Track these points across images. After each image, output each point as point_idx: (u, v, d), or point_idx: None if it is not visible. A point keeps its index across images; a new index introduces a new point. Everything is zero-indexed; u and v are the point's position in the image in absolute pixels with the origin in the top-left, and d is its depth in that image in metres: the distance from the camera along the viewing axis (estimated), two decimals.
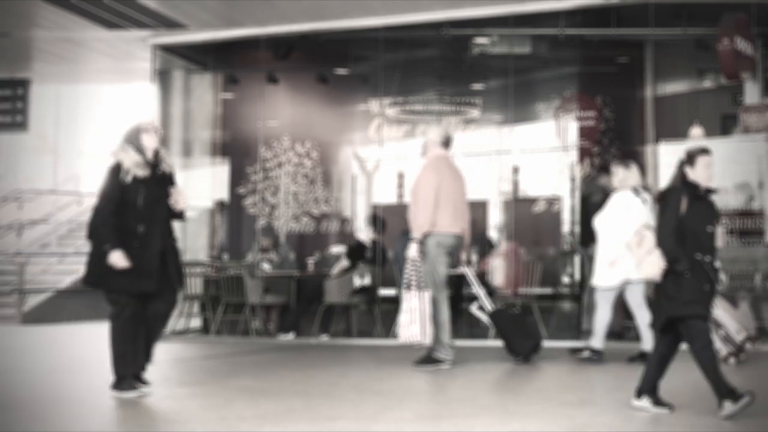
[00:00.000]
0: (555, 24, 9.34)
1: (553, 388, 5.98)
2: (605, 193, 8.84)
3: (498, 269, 9.27)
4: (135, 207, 5.41)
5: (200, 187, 11.32)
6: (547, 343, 7.83)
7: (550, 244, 10.49)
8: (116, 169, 5.48)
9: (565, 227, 8.66)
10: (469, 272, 7.38)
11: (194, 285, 9.57)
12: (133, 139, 5.57)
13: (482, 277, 10.17)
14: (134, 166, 5.46)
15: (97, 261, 5.39)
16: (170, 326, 9.62)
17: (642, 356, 6.96)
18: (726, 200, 8.90)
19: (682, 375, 6.62)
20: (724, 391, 4.64)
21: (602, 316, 7.06)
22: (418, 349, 6.87)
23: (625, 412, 4.87)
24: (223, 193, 11.21)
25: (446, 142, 7.09)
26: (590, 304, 7.50)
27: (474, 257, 9.65)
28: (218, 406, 5.16)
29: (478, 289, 7.46)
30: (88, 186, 16.22)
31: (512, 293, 8.88)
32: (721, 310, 7.01)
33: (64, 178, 16.18)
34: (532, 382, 6.31)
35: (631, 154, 10.89)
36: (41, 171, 16.08)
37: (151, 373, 6.85)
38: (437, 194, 6.73)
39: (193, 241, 10.94)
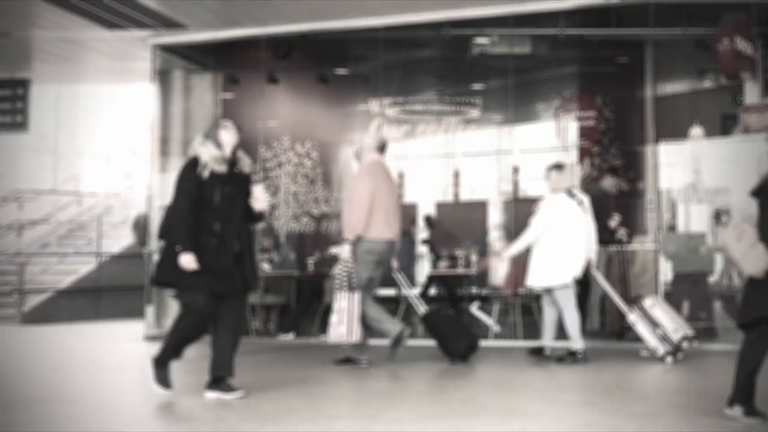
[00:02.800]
0: (555, 24, 9.33)
1: (553, 388, 5.98)
2: (605, 195, 8.87)
3: (497, 269, 9.27)
4: (211, 204, 5.25)
5: None
6: (547, 344, 7.82)
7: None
8: (193, 164, 5.33)
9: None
10: (399, 276, 7.41)
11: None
12: (212, 135, 5.46)
13: (482, 277, 10.19)
14: (212, 160, 5.32)
15: (169, 260, 5.23)
16: (170, 326, 9.64)
17: (572, 355, 7.08)
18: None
19: (683, 374, 6.63)
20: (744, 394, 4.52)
21: (571, 316, 7.13)
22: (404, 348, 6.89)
23: (625, 412, 4.87)
24: None
25: (381, 147, 7.14)
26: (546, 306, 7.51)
27: (474, 257, 9.68)
28: (218, 406, 5.16)
29: (408, 292, 7.54)
30: (88, 186, 16.25)
31: (512, 293, 8.88)
32: (659, 310, 7.10)
33: (64, 178, 16.19)
34: (532, 382, 6.30)
35: (631, 154, 10.92)
36: (41, 171, 16.09)
37: (151, 373, 6.87)
38: (372, 198, 6.77)
39: None
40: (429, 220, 11.05)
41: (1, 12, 9.11)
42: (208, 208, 5.24)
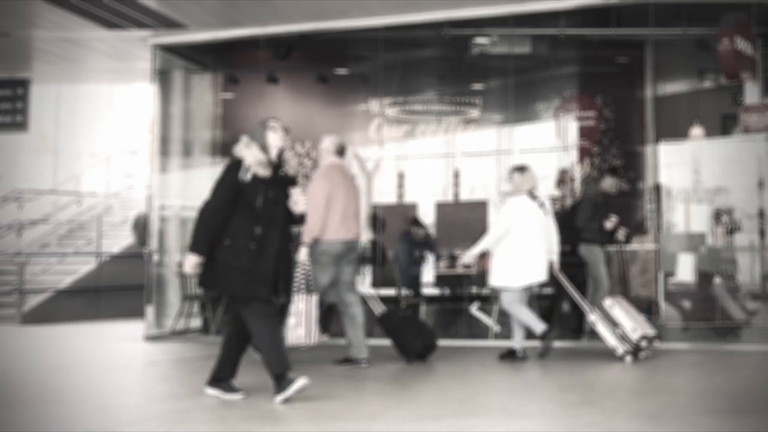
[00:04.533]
0: (555, 24, 9.34)
1: (553, 388, 5.98)
2: (605, 196, 8.88)
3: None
4: (253, 208, 5.14)
5: (200, 187, 11.31)
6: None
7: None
8: (235, 166, 5.20)
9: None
10: (359, 279, 7.45)
11: (194, 285, 9.57)
12: (258, 136, 5.30)
13: (482, 277, 10.19)
14: (256, 164, 5.19)
15: (210, 262, 5.13)
16: (170, 326, 9.66)
17: (512, 354, 7.13)
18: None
19: (683, 374, 6.63)
20: None
21: (520, 311, 7.19)
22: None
23: (625, 411, 4.87)
24: None
25: (340, 151, 7.23)
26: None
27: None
28: (218, 406, 5.16)
29: (368, 292, 7.57)
30: (88, 186, 16.26)
31: None
32: (618, 310, 7.15)
33: (64, 178, 16.19)
34: (532, 382, 6.31)
35: (631, 154, 10.93)
36: (41, 171, 16.10)
37: (151, 373, 6.87)
38: (327, 201, 6.84)
39: None
40: (416, 222, 11.03)
41: (1, 12, 9.11)
42: (249, 211, 5.13)
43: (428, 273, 10.95)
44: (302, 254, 6.80)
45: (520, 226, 7.12)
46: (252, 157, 5.21)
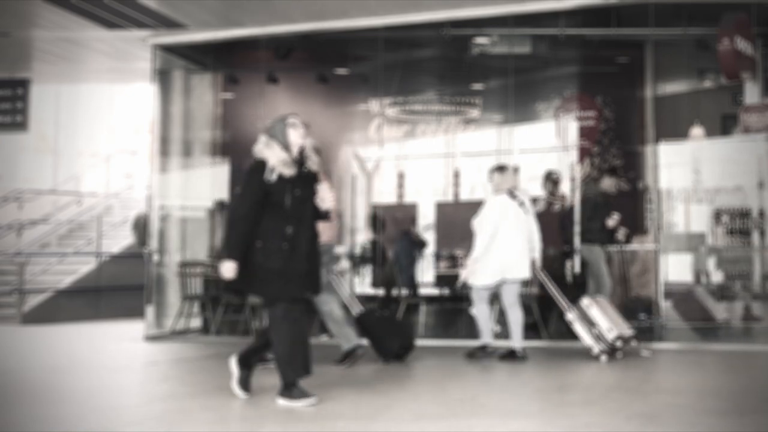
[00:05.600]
0: (555, 24, 9.34)
1: (553, 388, 5.98)
2: (605, 196, 8.89)
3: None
4: (282, 208, 5.05)
5: (200, 187, 11.33)
6: (548, 344, 7.84)
7: (549, 244, 10.48)
8: (259, 168, 5.08)
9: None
10: (335, 279, 7.43)
11: (194, 285, 9.58)
12: (279, 135, 5.20)
13: None
14: (281, 164, 5.09)
15: (241, 264, 5.03)
16: (170, 326, 9.66)
17: (512, 354, 7.17)
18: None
19: (683, 374, 6.63)
20: None
21: (481, 312, 7.30)
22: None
23: (625, 411, 4.87)
24: (223, 193, 11.20)
25: (316, 152, 7.20)
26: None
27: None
28: (218, 406, 5.16)
29: (343, 292, 7.59)
30: (88, 186, 16.26)
31: None
32: (595, 310, 7.19)
33: (64, 178, 16.19)
34: (532, 382, 6.30)
35: (631, 154, 10.92)
36: (41, 171, 16.10)
37: (151, 373, 6.87)
38: None
39: (193, 241, 10.94)
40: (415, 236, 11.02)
41: (1, 12, 9.11)
42: (279, 212, 5.05)
43: (428, 273, 10.97)
44: None
45: (499, 225, 7.17)
46: (275, 158, 5.11)
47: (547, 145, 11.17)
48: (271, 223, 5.06)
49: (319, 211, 5.29)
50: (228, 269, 5.01)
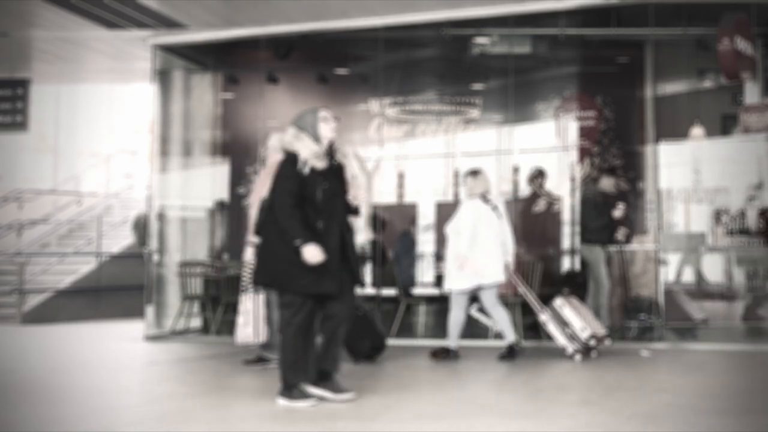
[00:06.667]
0: (555, 24, 9.33)
1: (553, 388, 5.98)
2: (605, 196, 8.89)
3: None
4: (314, 201, 4.98)
5: (200, 187, 11.33)
6: (548, 344, 7.84)
7: (550, 244, 10.49)
8: (292, 161, 5.03)
9: (566, 227, 8.79)
10: None
11: (194, 285, 9.58)
12: (309, 127, 5.10)
13: None
14: (313, 157, 5.02)
15: (269, 258, 5.02)
16: (170, 326, 9.66)
17: (511, 351, 7.21)
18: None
19: (683, 374, 6.63)
20: None
21: (455, 317, 7.30)
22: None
23: (625, 411, 4.87)
24: (223, 193, 11.21)
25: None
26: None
27: None
28: (218, 406, 5.16)
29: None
30: (88, 186, 16.26)
31: (513, 293, 8.87)
32: (568, 310, 7.24)
33: (64, 178, 16.19)
34: (532, 382, 6.30)
35: (631, 154, 10.92)
36: (41, 171, 16.11)
37: (151, 373, 6.87)
38: None
39: (193, 241, 10.94)
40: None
41: (1, 12, 9.11)
42: (310, 205, 4.98)
43: (428, 273, 10.96)
44: (248, 254, 6.88)
45: (475, 228, 7.20)
46: (307, 150, 5.03)
47: (547, 145, 11.16)
48: (302, 217, 4.99)
49: (349, 206, 5.24)
50: (312, 253, 4.89)
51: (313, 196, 4.99)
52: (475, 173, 7.48)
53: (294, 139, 5.09)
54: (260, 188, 6.93)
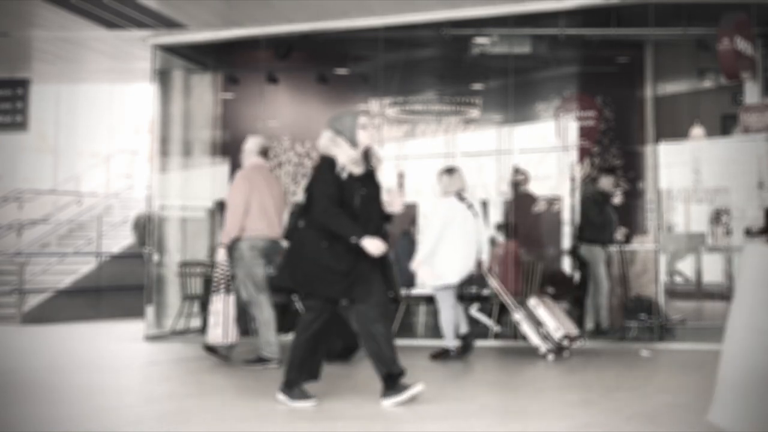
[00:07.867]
0: (555, 24, 9.33)
1: (553, 388, 5.98)
2: (604, 196, 8.89)
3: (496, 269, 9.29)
4: (351, 207, 4.96)
5: (200, 187, 11.32)
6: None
7: (550, 244, 10.49)
8: (330, 165, 4.98)
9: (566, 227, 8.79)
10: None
11: (194, 285, 9.57)
12: (347, 132, 5.04)
13: (482, 278, 10.19)
14: (351, 162, 4.99)
15: (300, 263, 4.99)
16: (170, 326, 9.66)
17: (444, 353, 7.21)
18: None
19: (683, 374, 6.64)
20: None
21: (446, 317, 7.29)
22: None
23: (625, 411, 4.87)
24: (223, 193, 11.19)
25: (263, 152, 7.31)
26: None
27: None
28: (218, 406, 5.16)
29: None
30: (88, 186, 16.26)
31: (513, 293, 8.88)
32: (542, 310, 7.29)
33: (64, 178, 16.19)
34: (532, 382, 6.31)
35: (631, 154, 10.92)
36: (41, 171, 16.10)
37: (151, 373, 6.88)
38: (247, 202, 6.89)
39: (193, 241, 10.94)
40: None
41: (1, 12, 9.11)
42: (347, 211, 4.95)
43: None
44: (220, 255, 6.93)
45: (447, 226, 7.21)
46: (345, 156, 4.99)
47: (547, 145, 11.17)
48: None
49: (383, 213, 5.21)
50: (375, 246, 4.89)
51: (351, 202, 4.97)
52: (450, 171, 7.47)
53: (331, 143, 5.04)
54: (235, 193, 6.95)
